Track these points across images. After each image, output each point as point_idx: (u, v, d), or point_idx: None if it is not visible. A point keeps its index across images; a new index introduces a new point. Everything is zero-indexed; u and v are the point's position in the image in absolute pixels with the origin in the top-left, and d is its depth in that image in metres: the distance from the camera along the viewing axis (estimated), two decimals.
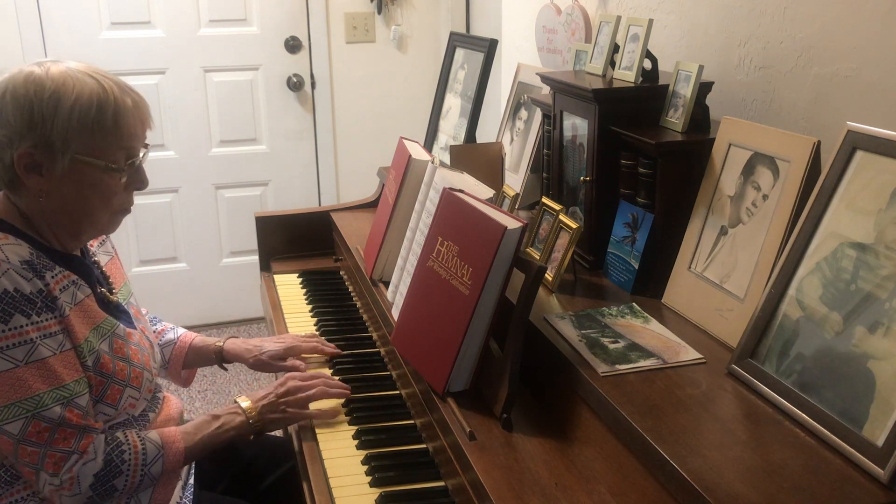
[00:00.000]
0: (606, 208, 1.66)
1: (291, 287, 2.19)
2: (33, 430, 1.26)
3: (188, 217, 3.88)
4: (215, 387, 3.50)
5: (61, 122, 1.28)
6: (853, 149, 1.14)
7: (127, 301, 1.53)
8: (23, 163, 1.30)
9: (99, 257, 1.53)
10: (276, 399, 1.51)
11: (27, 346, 1.25)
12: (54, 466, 1.28)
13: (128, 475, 1.34)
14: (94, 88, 1.31)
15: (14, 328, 1.25)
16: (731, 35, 1.72)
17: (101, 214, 1.38)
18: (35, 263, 1.29)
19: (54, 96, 1.28)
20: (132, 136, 1.36)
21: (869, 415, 1.00)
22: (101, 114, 1.30)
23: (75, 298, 1.34)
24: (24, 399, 1.25)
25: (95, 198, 1.35)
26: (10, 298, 1.25)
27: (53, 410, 1.27)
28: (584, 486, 1.14)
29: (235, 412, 1.49)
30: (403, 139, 1.92)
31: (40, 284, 1.28)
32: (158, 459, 1.38)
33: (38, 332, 1.27)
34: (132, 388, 1.41)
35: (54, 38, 3.52)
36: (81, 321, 1.34)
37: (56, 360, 1.28)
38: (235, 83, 3.79)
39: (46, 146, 1.29)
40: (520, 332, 1.29)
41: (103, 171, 1.33)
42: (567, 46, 2.35)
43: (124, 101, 1.34)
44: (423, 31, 3.95)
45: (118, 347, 1.39)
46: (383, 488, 1.33)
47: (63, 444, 1.28)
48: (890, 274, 1.04)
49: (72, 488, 1.29)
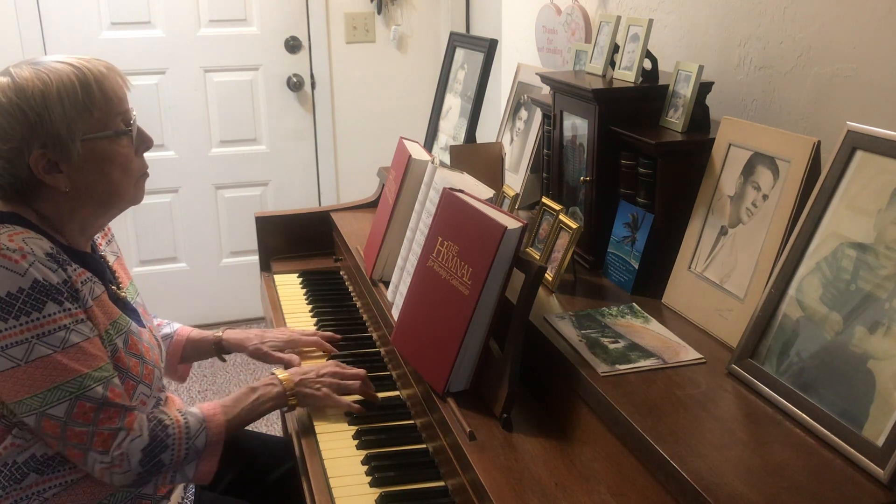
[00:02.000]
0: (606, 208, 1.66)
1: (291, 287, 2.19)
2: (79, 411, 1.29)
3: (188, 217, 3.88)
4: (215, 386, 3.50)
5: (56, 111, 1.30)
6: (853, 149, 1.14)
7: (134, 300, 1.54)
8: (40, 166, 1.32)
9: (107, 256, 1.54)
10: (316, 377, 1.54)
11: (63, 331, 1.28)
12: (103, 444, 1.30)
13: (174, 449, 1.37)
14: (67, 70, 1.32)
15: (48, 315, 1.27)
16: (731, 35, 1.72)
17: (127, 184, 1.41)
18: (57, 257, 1.32)
19: (37, 92, 1.29)
20: (121, 100, 1.38)
21: (869, 415, 1.00)
22: (86, 90, 1.33)
23: (93, 293, 1.37)
24: (67, 381, 1.28)
25: (116, 170, 1.38)
26: (42, 287, 1.27)
27: (96, 390, 1.30)
28: (584, 486, 1.14)
29: (272, 383, 1.52)
30: (403, 139, 1.92)
31: (65, 275, 1.31)
32: (202, 432, 1.40)
33: (69, 318, 1.29)
34: (144, 384, 1.42)
35: (54, 38, 3.52)
36: (101, 314, 1.37)
37: (89, 345, 1.31)
38: (235, 83, 3.80)
39: (55, 141, 1.31)
40: (520, 332, 1.29)
41: (112, 140, 1.36)
42: (567, 46, 2.35)
43: (99, 71, 1.36)
44: (423, 31, 3.95)
45: (132, 344, 1.42)
46: (383, 488, 1.33)
47: (109, 422, 1.31)
48: (890, 274, 1.04)
49: (122, 465, 1.32)
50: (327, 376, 1.55)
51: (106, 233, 1.58)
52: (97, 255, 1.48)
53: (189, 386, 3.46)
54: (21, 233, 1.30)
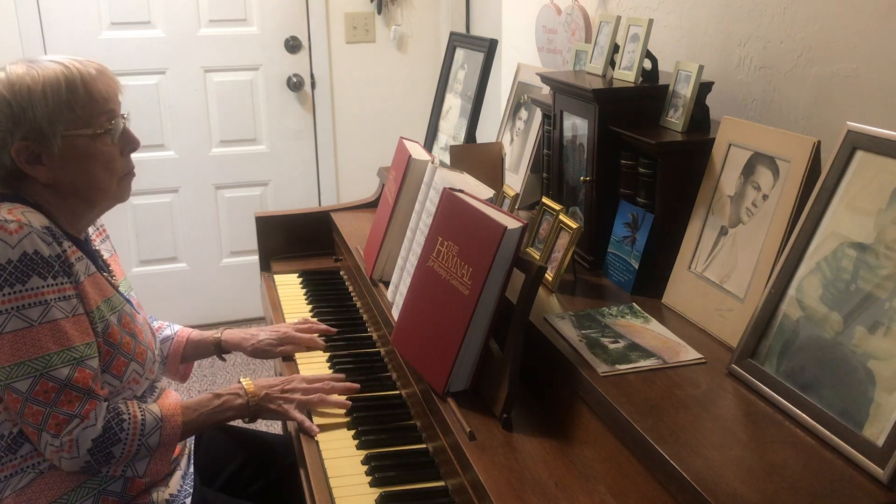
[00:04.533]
0: (606, 208, 1.66)
1: (291, 287, 2.19)
2: (40, 390, 1.31)
3: (188, 217, 3.88)
4: (215, 386, 3.50)
5: (40, 107, 1.35)
6: (853, 149, 1.14)
7: (128, 293, 1.56)
8: (22, 157, 1.36)
9: (101, 251, 1.56)
10: (281, 392, 1.54)
11: (42, 306, 1.31)
12: (56, 428, 1.32)
13: (125, 443, 1.37)
14: (57, 69, 1.37)
15: (31, 289, 1.30)
16: (731, 35, 1.72)
17: (109, 182, 1.44)
18: (54, 231, 1.35)
19: (23, 87, 1.35)
20: (107, 100, 1.42)
21: (869, 415, 1.00)
22: (71, 88, 1.37)
23: (88, 270, 1.40)
24: (35, 358, 1.30)
25: (98, 167, 1.42)
26: (29, 260, 1.30)
27: (61, 371, 1.31)
28: (584, 486, 1.15)
29: (237, 393, 1.53)
30: (403, 139, 1.92)
31: (59, 249, 1.34)
32: (156, 431, 1.41)
33: (53, 293, 1.32)
34: (136, 362, 1.45)
35: (54, 38, 3.52)
36: (94, 290, 1.39)
37: (68, 323, 1.33)
38: (235, 83, 3.79)
39: (37, 134, 1.36)
40: (520, 332, 1.29)
41: (93, 138, 1.40)
42: (567, 46, 2.35)
43: (88, 72, 1.40)
44: (423, 31, 3.95)
45: (126, 322, 1.45)
46: (383, 488, 1.33)
47: (67, 406, 1.32)
48: (890, 274, 1.04)
49: (71, 451, 1.33)
50: (291, 392, 1.55)
51: (101, 232, 1.61)
52: (91, 246, 1.51)
53: (189, 385, 3.46)
54: (20, 207, 1.34)
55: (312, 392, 1.55)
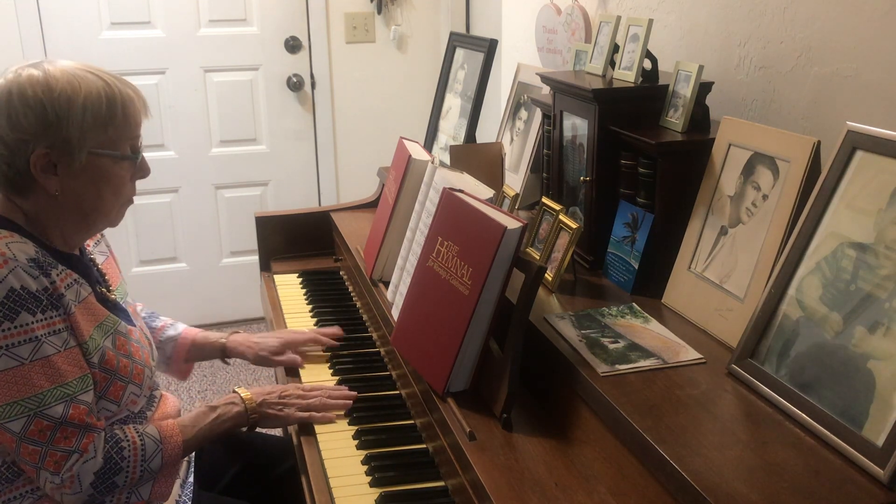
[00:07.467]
0: (606, 208, 1.66)
1: (291, 287, 2.19)
2: (35, 429, 1.27)
3: (188, 217, 3.88)
4: (215, 387, 3.50)
5: (76, 119, 1.31)
6: (853, 149, 1.14)
7: (124, 300, 1.54)
8: (39, 164, 1.32)
9: (95, 256, 1.53)
10: (279, 398, 1.53)
11: (32, 343, 1.26)
12: (55, 465, 1.28)
13: (128, 471, 1.35)
14: (100, 84, 1.34)
15: (20, 325, 1.26)
16: (731, 35, 1.72)
17: (113, 206, 1.42)
18: (41, 261, 1.30)
19: (64, 95, 1.30)
20: (138, 125, 1.41)
21: (869, 415, 1.00)
22: (111, 108, 1.34)
23: (79, 296, 1.36)
24: (27, 398, 1.26)
25: (108, 190, 1.39)
26: (17, 296, 1.26)
27: (55, 409, 1.27)
28: (584, 486, 1.15)
29: (233, 402, 1.51)
30: (403, 139, 1.92)
31: (46, 282, 1.29)
32: (157, 454, 1.39)
33: (43, 329, 1.28)
34: (134, 384, 1.42)
35: (54, 38, 3.52)
36: (86, 318, 1.35)
37: (60, 358, 1.29)
38: (235, 83, 3.79)
39: (63, 145, 1.32)
40: (520, 332, 1.29)
41: (115, 161, 1.37)
42: (567, 46, 2.35)
43: (128, 94, 1.38)
44: (423, 31, 3.95)
45: (121, 344, 1.41)
46: (383, 488, 1.33)
47: (64, 443, 1.29)
48: (890, 274, 1.04)
49: (72, 486, 1.30)
50: (289, 398, 1.54)
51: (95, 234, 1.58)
52: (85, 257, 1.47)
53: (189, 386, 3.46)
54: (6, 237, 1.30)
55: (311, 398, 1.55)
